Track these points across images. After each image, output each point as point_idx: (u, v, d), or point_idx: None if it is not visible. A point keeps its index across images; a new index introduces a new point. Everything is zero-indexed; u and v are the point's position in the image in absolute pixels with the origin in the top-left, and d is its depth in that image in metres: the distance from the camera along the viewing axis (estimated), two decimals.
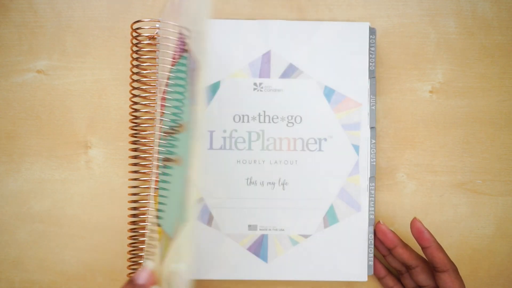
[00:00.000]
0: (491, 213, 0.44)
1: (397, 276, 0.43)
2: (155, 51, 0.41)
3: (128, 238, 0.40)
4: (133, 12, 0.43)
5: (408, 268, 0.40)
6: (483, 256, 0.43)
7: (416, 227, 0.38)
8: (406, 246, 0.40)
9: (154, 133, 0.41)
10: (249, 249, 0.41)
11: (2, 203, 0.43)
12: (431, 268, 0.39)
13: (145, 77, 0.41)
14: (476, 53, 0.44)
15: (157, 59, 0.41)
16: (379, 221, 0.41)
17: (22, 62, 0.43)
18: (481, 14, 0.44)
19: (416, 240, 0.39)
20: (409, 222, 0.39)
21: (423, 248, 0.38)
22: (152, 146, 0.41)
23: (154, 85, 0.41)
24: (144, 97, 0.41)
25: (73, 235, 0.43)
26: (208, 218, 0.41)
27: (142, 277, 0.31)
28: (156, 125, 0.41)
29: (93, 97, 0.43)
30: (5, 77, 0.43)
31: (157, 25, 0.41)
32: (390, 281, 0.42)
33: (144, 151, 0.40)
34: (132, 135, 0.41)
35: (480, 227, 0.43)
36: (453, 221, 0.43)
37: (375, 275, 0.42)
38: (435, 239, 0.38)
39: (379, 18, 0.44)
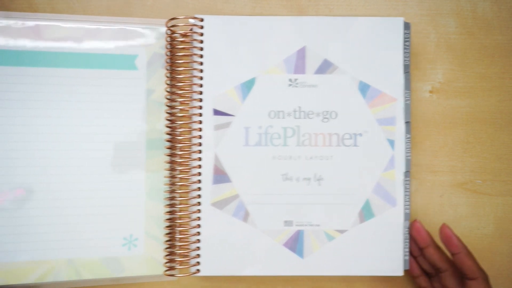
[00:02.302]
0: (491, 213, 0.44)
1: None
2: (189, 48, 0.42)
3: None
4: (133, 12, 0.43)
5: (438, 271, 0.40)
6: (483, 256, 0.43)
7: (444, 233, 0.38)
8: (438, 247, 0.40)
9: (191, 130, 0.41)
10: (285, 245, 0.41)
11: None
12: (461, 274, 0.39)
13: (179, 74, 0.42)
14: (476, 53, 0.44)
15: (192, 56, 0.41)
16: (415, 219, 0.41)
17: None
18: (481, 14, 0.44)
19: (445, 246, 0.38)
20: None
21: (452, 255, 0.38)
22: (188, 138, 0.41)
23: (190, 82, 0.41)
24: (179, 94, 0.41)
25: None
26: (244, 215, 0.41)
27: None
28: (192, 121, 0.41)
29: None
30: None
31: (190, 20, 0.42)
32: (423, 281, 0.41)
33: (179, 141, 0.41)
34: (168, 133, 0.41)
35: (480, 227, 0.43)
36: (453, 221, 0.43)
37: (409, 273, 0.42)
38: (464, 245, 0.38)
39: None
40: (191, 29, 0.42)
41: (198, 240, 0.41)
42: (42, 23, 0.41)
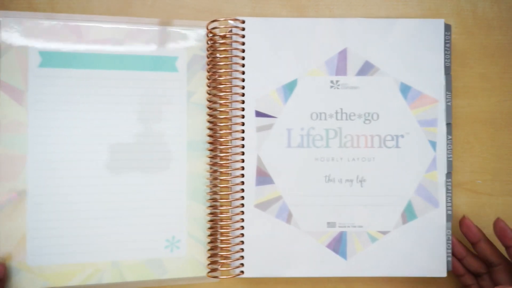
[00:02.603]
0: (491, 213, 0.44)
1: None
2: (229, 50, 0.42)
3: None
4: (133, 12, 0.43)
5: (490, 266, 0.40)
6: None
7: (499, 226, 0.38)
8: (490, 241, 0.40)
9: (232, 131, 0.41)
10: (328, 246, 0.41)
11: None
12: None
13: (221, 76, 0.42)
14: (476, 53, 0.44)
15: (231, 58, 0.41)
16: (464, 216, 0.41)
17: None
18: (481, 14, 0.44)
19: (499, 239, 0.38)
20: None
21: (507, 248, 0.38)
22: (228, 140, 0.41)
23: (231, 84, 0.41)
24: (221, 96, 0.41)
25: None
26: (287, 216, 0.41)
27: None
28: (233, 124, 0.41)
29: None
30: None
31: (231, 22, 0.42)
32: (469, 279, 0.41)
33: (221, 143, 0.41)
34: (210, 135, 0.41)
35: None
36: (453, 221, 0.42)
37: (454, 272, 0.42)
38: None
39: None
40: (230, 31, 0.42)
41: (242, 242, 0.41)
42: (83, 24, 0.41)
